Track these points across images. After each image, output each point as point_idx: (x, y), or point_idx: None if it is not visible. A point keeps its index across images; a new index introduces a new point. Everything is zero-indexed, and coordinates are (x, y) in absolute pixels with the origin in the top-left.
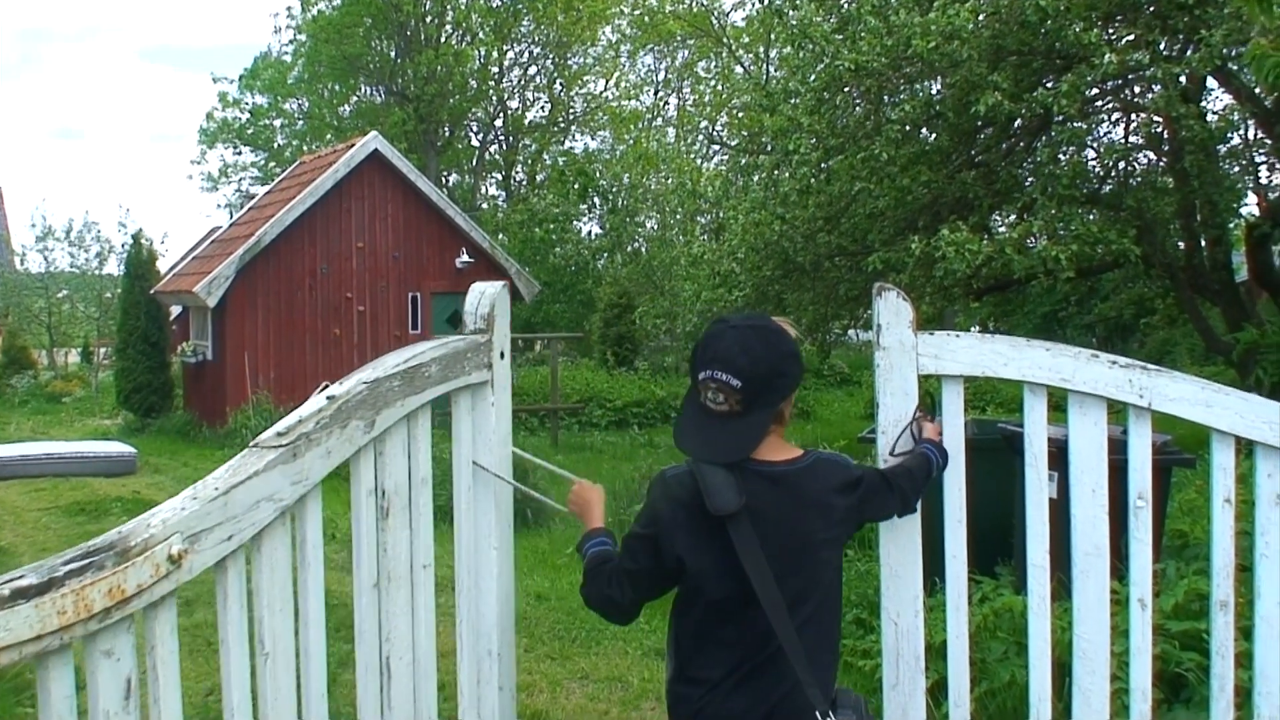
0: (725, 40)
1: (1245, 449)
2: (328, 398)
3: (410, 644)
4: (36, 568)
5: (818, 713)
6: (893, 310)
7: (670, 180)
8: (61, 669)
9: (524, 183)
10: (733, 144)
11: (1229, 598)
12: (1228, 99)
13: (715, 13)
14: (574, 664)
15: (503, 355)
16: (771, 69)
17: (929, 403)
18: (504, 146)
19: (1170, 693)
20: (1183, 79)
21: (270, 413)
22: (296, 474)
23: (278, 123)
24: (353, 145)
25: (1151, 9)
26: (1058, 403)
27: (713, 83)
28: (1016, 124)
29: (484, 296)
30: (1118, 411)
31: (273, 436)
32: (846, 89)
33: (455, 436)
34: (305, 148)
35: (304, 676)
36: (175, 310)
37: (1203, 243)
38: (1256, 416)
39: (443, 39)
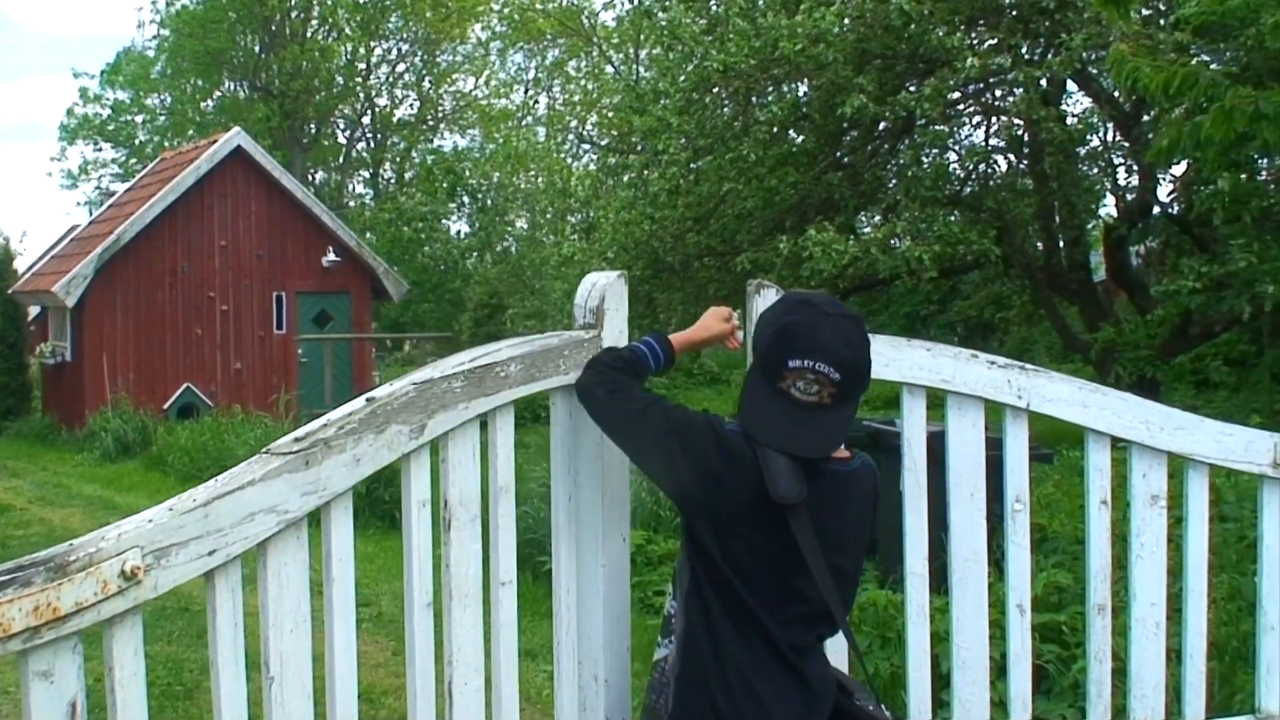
0: (595, 40)
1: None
2: (366, 399)
3: (479, 668)
4: None
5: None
6: None
7: (540, 179)
8: None
9: (392, 181)
10: (603, 144)
11: (1106, 601)
12: (1087, 102)
13: (585, 12)
14: None
15: None
16: (641, 69)
17: None
18: (372, 144)
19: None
20: (1043, 82)
21: (129, 414)
22: (309, 484)
23: (140, 118)
24: (215, 141)
25: (1014, 13)
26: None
27: (583, 82)
28: (881, 126)
29: (595, 288)
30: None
31: (288, 442)
32: (715, 90)
33: (552, 442)
34: (167, 144)
35: (330, 704)
36: (34, 310)
37: (1061, 243)
38: (1134, 416)
39: (309, 34)
